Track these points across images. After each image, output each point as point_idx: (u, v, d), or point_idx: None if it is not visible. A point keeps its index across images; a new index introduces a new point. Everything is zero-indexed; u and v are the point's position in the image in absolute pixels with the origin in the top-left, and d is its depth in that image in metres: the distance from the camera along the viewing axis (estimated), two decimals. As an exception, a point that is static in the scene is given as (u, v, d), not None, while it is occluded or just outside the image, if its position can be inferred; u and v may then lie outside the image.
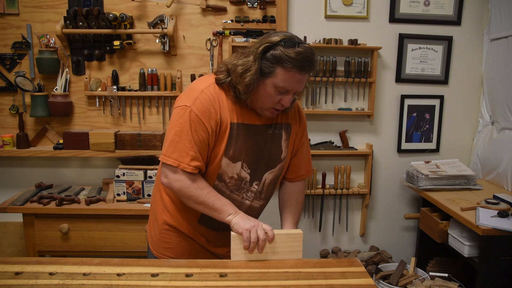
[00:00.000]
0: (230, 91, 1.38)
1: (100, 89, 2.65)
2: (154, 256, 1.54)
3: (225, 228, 1.39)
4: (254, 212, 1.53)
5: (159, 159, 1.40)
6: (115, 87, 2.60)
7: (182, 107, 1.35)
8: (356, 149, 2.81)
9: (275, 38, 1.31)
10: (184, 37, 2.65)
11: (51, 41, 2.57)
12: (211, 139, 1.36)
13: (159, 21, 2.59)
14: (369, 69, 2.73)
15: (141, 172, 2.46)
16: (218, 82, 1.39)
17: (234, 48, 2.58)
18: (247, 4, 2.61)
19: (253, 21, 2.62)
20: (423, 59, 2.81)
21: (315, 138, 2.82)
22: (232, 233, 1.30)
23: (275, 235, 1.31)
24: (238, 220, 1.32)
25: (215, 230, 1.51)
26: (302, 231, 1.38)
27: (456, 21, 2.79)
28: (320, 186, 2.83)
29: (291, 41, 1.30)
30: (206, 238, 1.53)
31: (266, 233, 1.31)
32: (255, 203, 1.51)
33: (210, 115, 1.35)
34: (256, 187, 1.48)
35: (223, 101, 1.38)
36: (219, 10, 2.62)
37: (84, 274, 1.15)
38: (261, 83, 1.33)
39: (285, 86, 1.32)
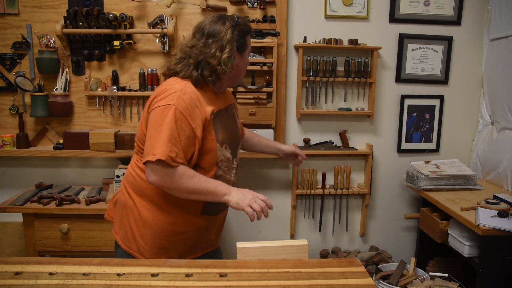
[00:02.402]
0: (207, 83, 1.52)
1: (100, 89, 2.65)
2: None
3: (223, 209, 1.64)
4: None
5: (143, 160, 1.40)
6: (115, 87, 2.60)
7: (165, 106, 1.41)
8: (356, 149, 2.81)
9: (232, 20, 1.54)
10: (184, 37, 2.64)
11: (51, 41, 2.57)
12: (197, 134, 1.45)
13: (159, 21, 2.59)
14: (369, 69, 2.73)
15: (141, 172, 2.46)
16: (197, 81, 1.51)
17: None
18: (247, 4, 2.61)
19: (253, 21, 2.62)
20: (423, 59, 2.81)
21: (315, 138, 2.83)
22: (238, 245, 1.31)
23: (280, 246, 1.33)
24: (236, 199, 1.43)
25: (216, 215, 1.64)
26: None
27: (456, 21, 2.79)
28: (320, 186, 2.83)
29: (237, 16, 1.58)
30: (206, 228, 1.63)
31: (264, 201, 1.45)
32: (235, 178, 1.70)
33: (195, 114, 1.45)
34: (235, 163, 1.67)
35: (201, 96, 1.50)
36: (219, 10, 2.62)
37: (84, 274, 1.15)
38: (240, 58, 1.56)
39: (251, 48, 1.62)
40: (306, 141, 2.77)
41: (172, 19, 2.58)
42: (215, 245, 1.79)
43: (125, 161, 2.56)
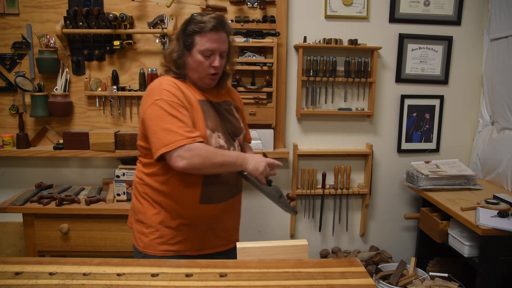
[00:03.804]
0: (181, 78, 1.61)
1: (100, 89, 2.65)
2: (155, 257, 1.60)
3: (223, 199, 1.64)
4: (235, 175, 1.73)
5: (158, 154, 1.45)
6: (115, 87, 2.60)
7: (153, 103, 1.50)
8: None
9: (188, 17, 1.60)
10: (184, 37, 2.64)
11: (51, 41, 2.57)
12: (191, 115, 1.53)
13: (159, 21, 2.59)
14: (369, 69, 2.73)
15: (141, 172, 2.46)
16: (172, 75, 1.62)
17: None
18: (247, 4, 2.61)
19: (253, 21, 2.62)
20: (423, 59, 2.81)
21: (313, 138, 2.83)
22: (238, 245, 1.31)
23: (280, 246, 1.33)
24: (251, 168, 1.54)
25: (216, 203, 1.64)
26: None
27: (456, 21, 2.79)
28: (320, 186, 2.83)
29: (200, 14, 1.60)
30: (209, 219, 1.64)
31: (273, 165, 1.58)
32: None
33: (180, 96, 1.53)
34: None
35: (183, 85, 1.59)
36: (219, 10, 2.62)
37: (84, 274, 1.15)
38: (190, 56, 1.58)
39: (208, 48, 1.56)
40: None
41: (172, 19, 2.58)
42: (227, 244, 1.75)
43: (125, 161, 2.56)
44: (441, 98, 2.87)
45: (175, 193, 1.58)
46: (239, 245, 1.31)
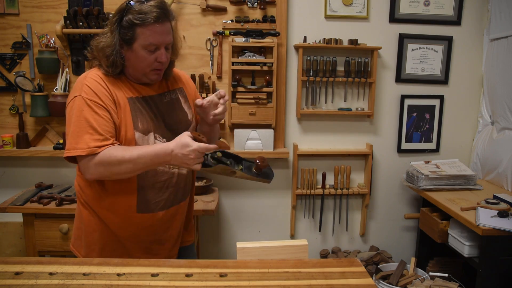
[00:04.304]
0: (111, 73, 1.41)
1: (100, 89, 2.64)
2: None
3: (164, 206, 1.47)
4: (184, 180, 1.55)
5: (64, 155, 1.34)
6: (115, 87, 2.59)
7: (72, 100, 1.37)
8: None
9: (123, 5, 1.36)
10: (184, 37, 2.64)
11: (51, 41, 2.57)
12: (114, 116, 1.37)
13: (159, 21, 2.58)
14: (369, 69, 2.73)
15: (141, 172, 2.46)
16: (103, 70, 1.42)
17: (234, 48, 2.59)
18: (247, 4, 2.61)
19: (253, 21, 2.62)
20: (423, 59, 2.81)
21: (313, 138, 2.83)
22: (238, 245, 1.31)
23: (280, 246, 1.32)
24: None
25: (154, 212, 1.48)
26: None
27: (456, 21, 2.79)
28: (320, 186, 2.83)
29: (138, 0, 1.35)
30: (151, 228, 1.49)
31: (200, 139, 1.32)
32: (182, 170, 1.52)
33: (102, 94, 1.36)
34: None
35: (112, 81, 1.41)
36: (219, 10, 2.62)
37: (84, 274, 1.15)
38: (130, 51, 1.38)
39: (152, 42, 1.36)
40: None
41: (172, 19, 2.58)
42: (174, 252, 1.63)
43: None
44: (441, 98, 2.87)
45: (109, 201, 1.44)
46: (239, 245, 1.31)
